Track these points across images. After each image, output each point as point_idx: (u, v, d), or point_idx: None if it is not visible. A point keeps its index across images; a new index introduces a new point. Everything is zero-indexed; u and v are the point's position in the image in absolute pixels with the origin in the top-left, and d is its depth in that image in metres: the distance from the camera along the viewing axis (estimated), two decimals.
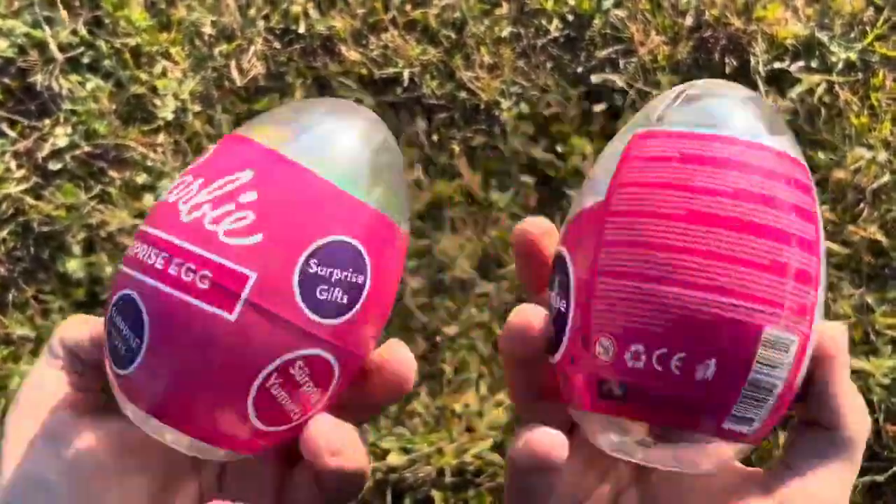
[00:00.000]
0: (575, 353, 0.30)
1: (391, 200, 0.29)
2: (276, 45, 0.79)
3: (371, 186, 0.29)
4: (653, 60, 0.74)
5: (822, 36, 0.73)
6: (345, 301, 0.28)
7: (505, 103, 0.75)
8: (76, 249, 0.76)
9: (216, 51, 0.79)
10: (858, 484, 0.65)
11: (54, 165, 0.76)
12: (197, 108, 0.78)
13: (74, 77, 0.78)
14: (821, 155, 0.71)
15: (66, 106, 0.77)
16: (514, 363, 0.31)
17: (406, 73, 0.77)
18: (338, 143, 0.29)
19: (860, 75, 0.73)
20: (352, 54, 0.77)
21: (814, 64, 0.73)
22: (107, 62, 0.78)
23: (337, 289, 0.27)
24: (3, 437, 0.28)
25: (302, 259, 0.27)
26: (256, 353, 0.26)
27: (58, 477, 0.27)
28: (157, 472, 0.29)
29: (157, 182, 0.77)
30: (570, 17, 0.77)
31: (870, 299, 0.68)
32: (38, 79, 0.77)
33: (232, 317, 0.26)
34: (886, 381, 0.65)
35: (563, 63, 0.76)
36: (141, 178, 0.77)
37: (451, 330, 0.70)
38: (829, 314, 0.68)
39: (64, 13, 0.78)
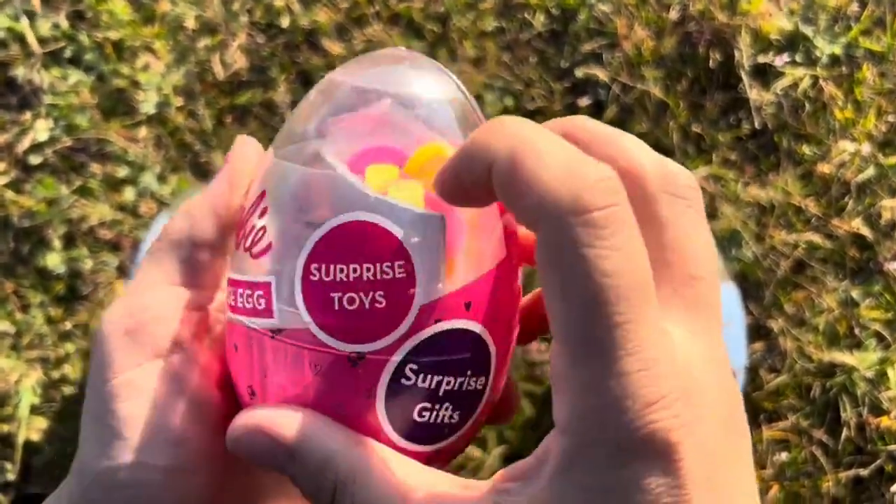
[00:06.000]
0: None
1: None
2: (260, 39, 0.79)
3: None
4: (637, 55, 0.74)
5: (807, 30, 0.73)
6: None
7: (489, 97, 0.75)
8: (56, 244, 0.75)
9: (199, 45, 0.79)
10: (842, 478, 0.64)
11: (35, 159, 0.76)
12: (179, 101, 0.77)
13: (56, 71, 0.77)
14: (805, 149, 0.71)
15: (48, 100, 0.76)
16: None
17: None
18: None
19: (844, 69, 0.72)
20: (335, 48, 0.77)
21: (798, 58, 0.73)
22: (89, 56, 0.78)
23: None
24: None
25: None
26: None
27: None
28: None
29: (138, 176, 0.76)
30: (555, 12, 0.76)
31: (854, 293, 0.68)
32: (20, 72, 0.77)
33: None
34: (870, 374, 0.65)
35: (548, 57, 0.76)
36: (122, 173, 0.76)
37: None
38: (813, 308, 0.68)
39: (36, 2, 0.77)
